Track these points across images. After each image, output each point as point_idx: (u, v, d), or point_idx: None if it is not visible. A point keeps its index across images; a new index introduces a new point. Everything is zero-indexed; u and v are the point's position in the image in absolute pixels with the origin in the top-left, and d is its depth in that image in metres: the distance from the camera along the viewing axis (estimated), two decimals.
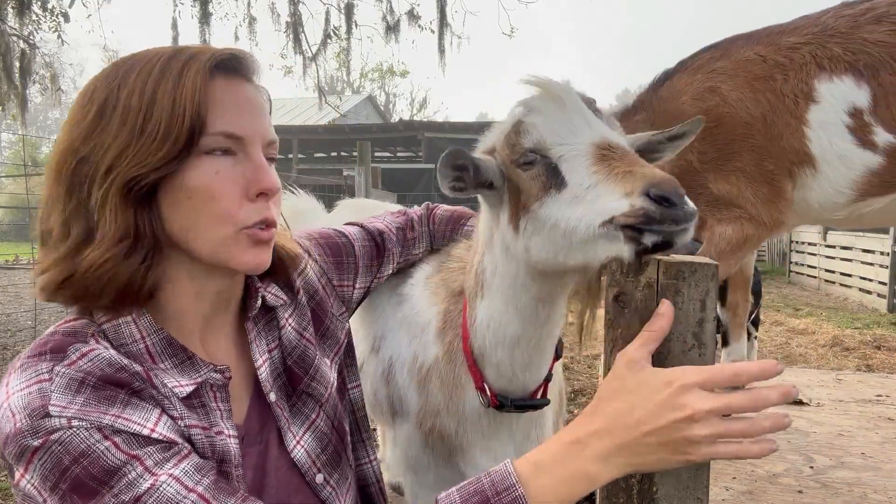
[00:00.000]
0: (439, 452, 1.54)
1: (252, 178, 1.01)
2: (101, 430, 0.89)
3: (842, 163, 2.25)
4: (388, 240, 1.61)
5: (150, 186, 0.96)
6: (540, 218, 1.14)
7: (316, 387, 1.24)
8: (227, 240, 1.01)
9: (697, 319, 0.93)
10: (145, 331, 1.02)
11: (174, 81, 0.96)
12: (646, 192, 0.97)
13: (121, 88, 0.98)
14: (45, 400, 0.89)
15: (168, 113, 0.95)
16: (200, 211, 0.99)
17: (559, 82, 1.19)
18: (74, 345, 0.95)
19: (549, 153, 1.14)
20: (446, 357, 1.50)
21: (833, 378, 3.87)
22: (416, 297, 1.63)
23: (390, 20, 11.73)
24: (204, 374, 1.05)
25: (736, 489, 2.34)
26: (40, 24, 10.44)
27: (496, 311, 1.34)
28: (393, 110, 45.37)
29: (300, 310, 1.28)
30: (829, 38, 2.25)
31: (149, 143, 0.95)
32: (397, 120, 26.54)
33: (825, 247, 12.81)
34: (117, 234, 0.96)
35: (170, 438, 0.95)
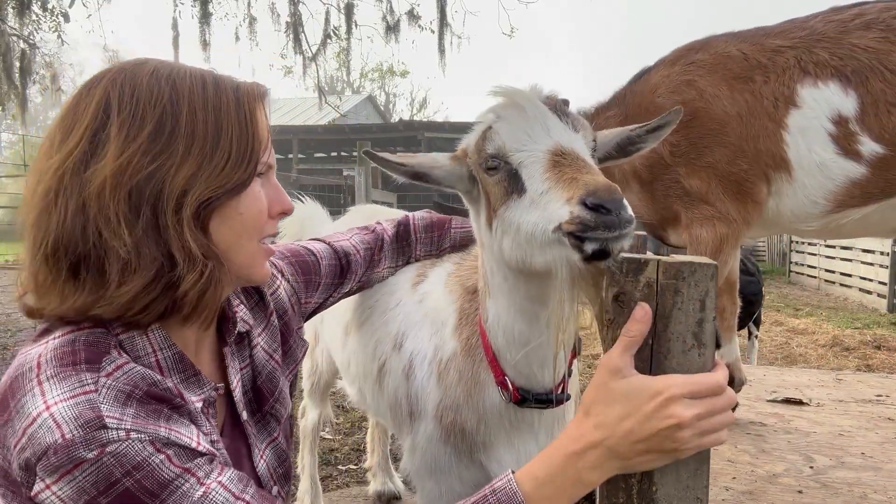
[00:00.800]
0: (461, 449, 1.53)
1: (276, 199, 1.12)
2: (154, 442, 0.90)
3: (820, 172, 2.19)
4: (354, 262, 1.67)
5: (217, 208, 1.01)
6: (506, 221, 1.19)
7: (279, 408, 1.30)
8: (256, 251, 1.10)
9: (697, 319, 0.93)
10: (157, 345, 1.03)
11: (236, 105, 1.04)
12: (583, 200, 1.00)
13: (178, 108, 0.99)
14: (96, 411, 0.88)
15: (238, 137, 1.02)
16: (247, 226, 1.07)
17: (523, 91, 1.23)
18: (106, 356, 0.95)
19: (510, 159, 1.19)
20: (464, 352, 1.51)
21: (833, 378, 3.87)
22: (436, 295, 1.66)
23: (390, 20, 11.73)
24: (207, 391, 1.09)
25: (736, 489, 2.34)
26: (40, 24, 10.44)
27: (502, 310, 1.36)
28: (393, 110, 45.37)
29: (271, 331, 1.33)
30: (815, 43, 2.20)
31: (221, 167, 1.00)
32: (397, 120, 26.55)
33: (825, 247, 12.81)
34: (198, 253, 0.98)
35: (211, 451, 0.98)
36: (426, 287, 1.71)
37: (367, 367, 1.86)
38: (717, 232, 2.40)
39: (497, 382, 1.42)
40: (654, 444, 0.92)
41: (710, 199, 2.38)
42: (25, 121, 11.09)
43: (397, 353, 1.71)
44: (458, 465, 1.54)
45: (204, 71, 1.07)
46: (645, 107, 2.46)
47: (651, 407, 0.91)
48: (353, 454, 4.16)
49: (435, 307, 1.64)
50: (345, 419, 4.76)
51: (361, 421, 4.59)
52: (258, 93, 1.10)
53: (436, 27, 11.58)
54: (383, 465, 3.38)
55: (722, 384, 0.93)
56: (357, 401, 2.19)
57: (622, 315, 0.96)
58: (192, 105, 1.00)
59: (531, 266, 1.16)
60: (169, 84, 1.01)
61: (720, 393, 0.93)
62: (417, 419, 1.59)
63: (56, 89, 12.30)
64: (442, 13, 11.29)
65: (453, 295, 1.61)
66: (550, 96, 1.24)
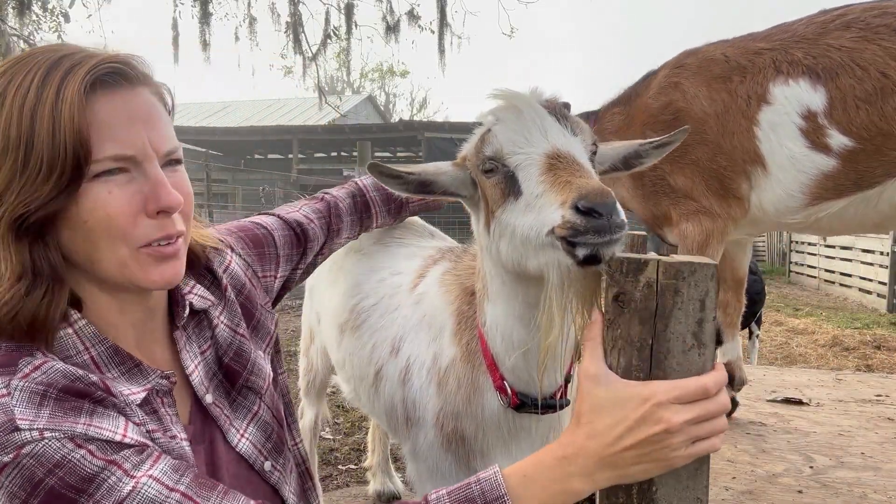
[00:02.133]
0: (460, 456, 1.53)
1: (150, 195, 0.97)
2: (73, 439, 0.88)
3: (792, 165, 2.27)
4: (311, 230, 1.61)
5: (40, 220, 0.93)
6: (502, 223, 1.19)
7: (255, 380, 1.25)
8: (128, 259, 0.98)
9: (697, 319, 0.93)
10: (89, 342, 1.01)
11: (52, 105, 0.90)
12: (574, 203, 0.99)
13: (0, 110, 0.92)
14: (9, 415, 0.86)
15: (49, 145, 0.89)
16: (99, 233, 0.95)
17: (522, 94, 1.23)
18: (24, 358, 0.93)
19: (506, 162, 1.18)
20: (464, 358, 1.50)
21: (833, 378, 3.87)
22: (433, 296, 1.64)
23: (390, 20, 11.73)
24: (152, 380, 1.05)
25: (736, 489, 2.34)
26: (40, 24, 10.44)
27: (500, 315, 1.36)
28: (393, 110, 45.35)
29: (230, 306, 1.28)
30: (794, 44, 2.29)
31: (33, 179, 0.90)
32: (397, 120, 26.54)
33: (825, 247, 12.82)
34: (16, 271, 0.93)
35: (141, 442, 0.94)
36: (422, 288, 1.70)
37: (364, 371, 1.85)
38: (703, 227, 2.46)
39: (496, 387, 1.41)
40: (644, 452, 0.91)
41: (694, 195, 2.46)
42: None
43: (394, 358, 1.70)
44: (458, 472, 1.54)
45: (55, 57, 0.95)
46: (642, 107, 2.55)
47: (640, 413, 0.90)
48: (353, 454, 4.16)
49: (432, 310, 1.63)
50: (345, 419, 4.76)
51: (361, 421, 4.59)
52: (93, 76, 0.93)
53: (436, 27, 11.58)
54: (383, 464, 3.39)
55: (710, 388, 0.91)
56: (351, 399, 2.19)
57: (622, 315, 0.96)
58: (12, 106, 0.92)
59: (526, 269, 1.16)
60: (6, 79, 0.94)
61: (710, 397, 0.92)
62: (415, 426, 1.58)
63: None
64: (442, 13, 11.30)
65: (450, 295, 1.59)
66: (550, 99, 1.24)
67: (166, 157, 1.02)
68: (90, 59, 0.95)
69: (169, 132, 1.04)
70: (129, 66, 1.00)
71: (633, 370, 0.95)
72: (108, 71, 0.96)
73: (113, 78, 0.97)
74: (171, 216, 1.00)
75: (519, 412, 1.41)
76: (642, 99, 2.56)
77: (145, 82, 1.03)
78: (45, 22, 10.49)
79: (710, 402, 0.92)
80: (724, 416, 0.95)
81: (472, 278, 1.54)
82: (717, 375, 0.94)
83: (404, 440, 1.68)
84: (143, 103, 1.00)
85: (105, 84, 0.96)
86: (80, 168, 0.91)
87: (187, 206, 1.06)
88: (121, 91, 0.98)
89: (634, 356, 0.95)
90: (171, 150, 1.03)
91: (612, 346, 0.97)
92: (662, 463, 0.92)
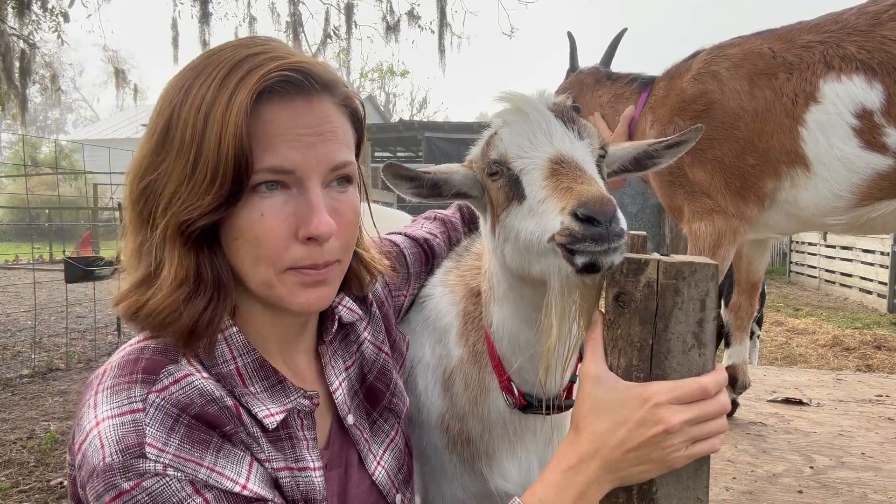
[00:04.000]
0: (465, 458, 1.52)
1: (303, 219, 0.92)
2: (193, 483, 0.84)
3: (842, 166, 2.17)
4: (436, 245, 1.60)
5: (203, 229, 0.90)
6: (507, 227, 1.18)
7: (397, 402, 1.22)
8: (273, 281, 0.94)
9: (697, 319, 0.93)
10: (237, 351, 0.98)
11: (223, 111, 0.87)
12: (573, 211, 0.97)
13: (181, 108, 0.90)
14: (140, 437, 0.83)
15: (214, 154, 0.86)
16: (247, 252, 0.93)
17: (529, 96, 1.22)
18: (167, 367, 0.90)
19: (511, 166, 1.17)
20: (471, 359, 1.49)
21: (833, 378, 3.87)
22: (437, 297, 1.62)
23: (390, 20, 11.73)
24: (294, 399, 1.01)
25: (736, 489, 2.34)
26: (40, 24, 10.44)
27: (507, 316, 1.35)
28: (393, 110, 45.36)
29: (374, 322, 1.25)
30: (846, 37, 2.16)
31: (199, 185, 0.87)
32: (397, 120, 26.54)
33: (825, 247, 12.81)
34: (177, 276, 0.90)
35: (259, 495, 0.90)
36: (426, 290, 1.68)
37: None
38: (716, 226, 2.39)
39: (502, 387, 1.41)
40: (645, 453, 0.91)
41: (711, 192, 2.37)
42: (25, 121, 11.09)
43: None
44: (463, 473, 1.54)
45: (240, 56, 0.91)
46: (677, 90, 2.46)
47: (640, 415, 0.90)
48: None
49: (436, 312, 1.61)
50: None
51: None
52: (262, 84, 0.88)
53: (436, 27, 11.60)
54: None
55: (710, 388, 0.91)
56: None
57: (622, 315, 0.95)
58: (191, 108, 0.89)
59: (530, 273, 1.16)
60: (190, 78, 0.91)
61: (709, 397, 0.91)
62: (419, 428, 1.58)
63: (56, 89, 12.32)
64: (442, 13, 11.31)
65: (455, 296, 1.58)
66: (558, 102, 1.23)
67: (334, 173, 0.97)
68: (268, 64, 0.90)
69: (342, 146, 0.98)
70: (308, 74, 0.93)
71: (633, 370, 0.95)
72: (282, 79, 0.90)
73: (285, 87, 0.91)
74: (321, 244, 0.95)
75: (525, 413, 1.41)
76: (679, 81, 2.47)
77: (329, 90, 0.97)
78: (44, 22, 10.49)
79: (709, 402, 0.92)
80: (724, 418, 0.95)
81: (478, 278, 1.54)
82: (717, 376, 0.93)
83: None
84: (315, 115, 0.94)
85: (277, 93, 0.91)
86: (241, 181, 0.88)
87: (347, 233, 1.00)
88: (293, 101, 0.92)
89: (635, 356, 0.95)
90: (339, 165, 0.96)
91: (612, 347, 0.97)
92: (662, 463, 0.92)
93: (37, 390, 5.86)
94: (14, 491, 3.90)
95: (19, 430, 4.85)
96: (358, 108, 1.05)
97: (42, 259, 17.04)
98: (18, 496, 3.84)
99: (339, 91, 1.00)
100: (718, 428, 0.93)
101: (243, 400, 0.96)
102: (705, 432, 0.92)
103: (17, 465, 4.24)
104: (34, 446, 4.53)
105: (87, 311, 9.20)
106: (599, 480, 0.93)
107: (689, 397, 0.90)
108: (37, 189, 19.60)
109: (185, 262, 0.91)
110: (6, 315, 9.32)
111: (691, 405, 0.90)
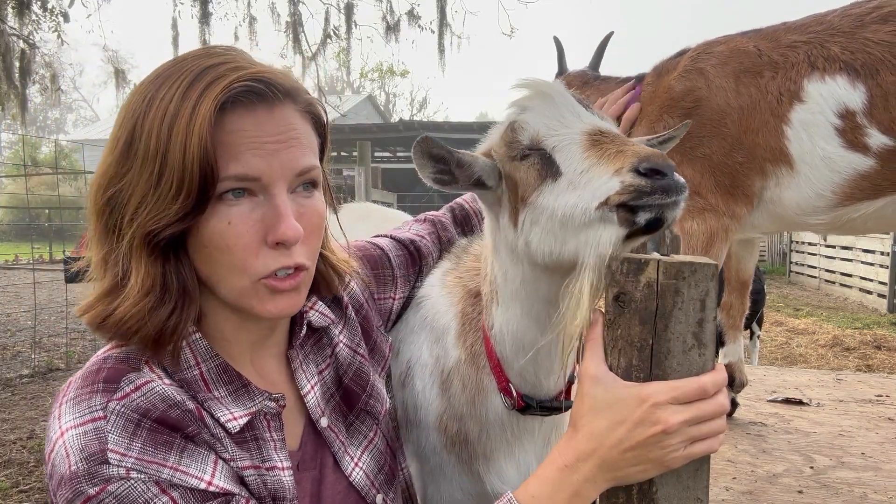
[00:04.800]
0: (463, 458, 1.52)
1: (270, 225, 0.93)
2: (159, 483, 0.86)
3: (825, 165, 2.18)
4: (423, 246, 1.59)
5: (170, 238, 0.91)
6: (538, 207, 1.15)
7: (374, 404, 1.21)
8: (245, 290, 0.96)
9: (697, 319, 0.93)
10: (200, 356, 0.99)
11: (187, 121, 0.88)
12: (635, 167, 0.97)
13: (144, 119, 0.91)
14: (103, 444, 0.85)
15: (179, 164, 0.87)
16: (217, 261, 0.93)
17: (549, 81, 1.23)
18: (128, 375, 0.91)
19: (542, 144, 1.16)
20: (468, 360, 1.49)
21: (833, 378, 3.87)
22: (434, 298, 1.61)
23: (390, 20, 11.73)
24: (259, 402, 1.01)
25: (736, 489, 2.34)
26: (40, 24, 10.43)
27: (512, 317, 1.34)
28: (393, 110, 45.37)
29: (350, 325, 1.25)
30: (830, 37, 2.19)
31: (164, 196, 0.88)
32: (397, 120, 26.54)
33: (825, 247, 12.82)
34: (144, 286, 0.91)
35: (225, 490, 0.91)
36: (422, 290, 1.68)
37: None
38: (708, 225, 2.40)
39: (500, 389, 1.41)
40: (642, 453, 0.91)
41: (701, 191, 2.39)
42: (25, 121, 11.09)
43: (394, 360, 1.70)
44: (461, 474, 1.53)
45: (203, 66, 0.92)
46: (665, 87, 2.47)
47: (638, 415, 0.90)
48: None
49: (434, 313, 1.60)
50: None
51: None
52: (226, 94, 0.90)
53: (436, 27, 11.59)
54: None
55: (708, 388, 0.91)
56: None
57: (622, 315, 0.95)
58: (156, 115, 0.90)
59: (560, 255, 1.13)
60: (155, 85, 0.92)
61: (708, 397, 0.91)
62: (416, 428, 1.58)
63: (56, 89, 12.31)
64: (442, 13, 11.30)
65: (454, 297, 1.58)
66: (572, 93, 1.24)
67: (300, 179, 0.98)
68: (231, 74, 0.91)
69: (306, 152, 0.98)
70: (269, 83, 0.94)
71: (633, 370, 0.95)
72: (244, 89, 0.92)
73: (248, 97, 0.92)
74: (289, 248, 0.95)
75: (523, 414, 1.41)
76: (667, 79, 2.49)
77: (291, 98, 0.98)
78: (44, 22, 10.48)
79: (707, 402, 0.91)
80: (724, 418, 0.95)
81: (476, 280, 1.53)
82: (717, 376, 0.93)
83: (405, 441, 1.67)
84: (278, 123, 0.95)
85: (240, 102, 0.92)
86: (206, 190, 0.89)
87: (313, 237, 1.01)
88: (255, 110, 0.93)
89: (635, 356, 0.95)
90: (304, 170, 0.97)
91: (612, 347, 0.97)
92: (659, 463, 0.92)
93: (37, 390, 5.86)
94: (14, 491, 3.90)
95: (19, 430, 4.86)
96: (320, 114, 1.06)
97: (42, 259, 17.05)
98: (18, 496, 3.84)
99: (301, 98, 1.01)
100: (717, 428, 0.93)
101: (206, 405, 0.96)
102: (704, 432, 0.92)
103: (17, 465, 4.24)
104: (34, 446, 4.53)
105: None
106: (595, 479, 0.93)
107: (687, 397, 0.90)
108: (37, 189, 19.61)
109: (152, 271, 0.92)
110: (6, 315, 9.32)
111: (690, 405, 0.90)
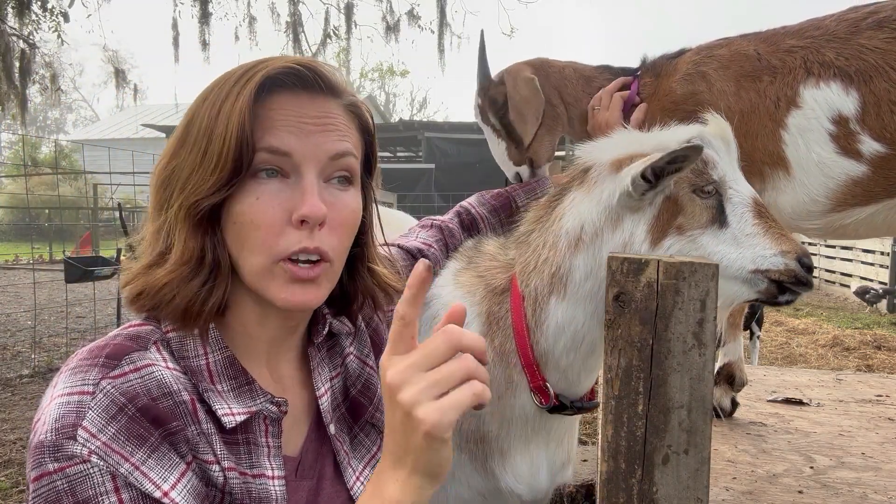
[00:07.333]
0: (476, 456, 1.51)
1: (295, 204, 0.94)
2: (115, 478, 0.83)
3: (819, 171, 2.20)
4: (431, 255, 1.59)
5: (211, 210, 0.94)
6: (695, 243, 1.27)
7: (380, 417, 1.18)
8: (264, 270, 0.95)
9: (697, 319, 0.93)
10: (210, 347, 0.98)
11: (232, 102, 0.93)
12: (800, 259, 1.21)
13: (200, 108, 0.97)
14: (79, 419, 0.83)
15: (221, 137, 0.92)
16: (243, 237, 0.95)
17: (727, 125, 1.37)
18: (131, 354, 0.91)
19: (721, 190, 1.29)
20: (497, 359, 1.48)
21: (833, 378, 3.87)
22: (446, 297, 1.59)
23: (390, 20, 11.74)
24: (259, 403, 0.99)
25: (736, 489, 2.34)
26: (40, 24, 10.43)
27: (579, 316, 1.34)
28: (393, 110, 45.38)
29: (360, 337, 1.24)
30: (826, 43, 2.21)
31: (208, 168, 0.93)
32: (397, 120, 26.54)
33: (825, 247, 12.82)
34: (183, 256, 0.94)
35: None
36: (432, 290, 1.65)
37: None
38: None
39: (533, 388, 1.41)
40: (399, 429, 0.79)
41: None
42: (25, 121, 11.09)
43: None
44: (471, 472, 1.53)
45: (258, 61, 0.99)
46: (666, 89, 2.47)
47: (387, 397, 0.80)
48: None
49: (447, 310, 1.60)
50: None
51: None
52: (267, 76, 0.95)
53: (436, 27, 11.60)
54: None
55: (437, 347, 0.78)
56: None
57: (622, 315, 0.96)
58: (209, 102, 0.96)
59: None
60: (216, 82, 0.99)
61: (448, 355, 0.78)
62: None
63: (56, 89, 12.31)
64: (442, 13, 11.31)
65: (474, 297, 1.55)
66: None
67: (334, 165, 0.98)
68: (279, 62, 0.97)
69: (343, 138, 1.00)
70: (315, 72, 0.98)
71: (633, 370, 0.95)
72: (289, 72, 0.96)
73: (291, 80, 0.97)
74: (312, 229, 0.95)
75: (551, 413, 1.42)
76: (667, 81, 2.48)
77: (333, 94, 1.01)
78: (44, 22, 10.48)
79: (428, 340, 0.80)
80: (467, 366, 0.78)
81: (499, 277, 1.53)
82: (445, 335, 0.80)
83: None
84: (318, 109, 0.98)
85: (286, 87, 0.97)
86: (243, 161, 0.92)
87: (340, 231, 0.99)
88: (297, 95, 0.97)
89: (635, 356, 0.95)
90: (338, 153, 0.98)
91: (612, 347, 0.97)
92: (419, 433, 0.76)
93: (37, 390, 5.86)
94: (14, 491, 3.90)
95: (19, 430, 4.86)
96: (365, 116, 1.06)
97: (42, 259, 17.06)
98: (18, 496, 3.84)
99: (346, 96, 1.03)
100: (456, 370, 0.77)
101: (205, 395, 0.94)
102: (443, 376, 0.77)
103: (18, 465, 4.24)
104: None
105: (87, 311, 9.20)
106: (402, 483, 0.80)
107: (424, 365, 0.78)
108: (37, 189, 19.61)
109: (191, 244, 0.94)
110: (6, 315, 9.32)
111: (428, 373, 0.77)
